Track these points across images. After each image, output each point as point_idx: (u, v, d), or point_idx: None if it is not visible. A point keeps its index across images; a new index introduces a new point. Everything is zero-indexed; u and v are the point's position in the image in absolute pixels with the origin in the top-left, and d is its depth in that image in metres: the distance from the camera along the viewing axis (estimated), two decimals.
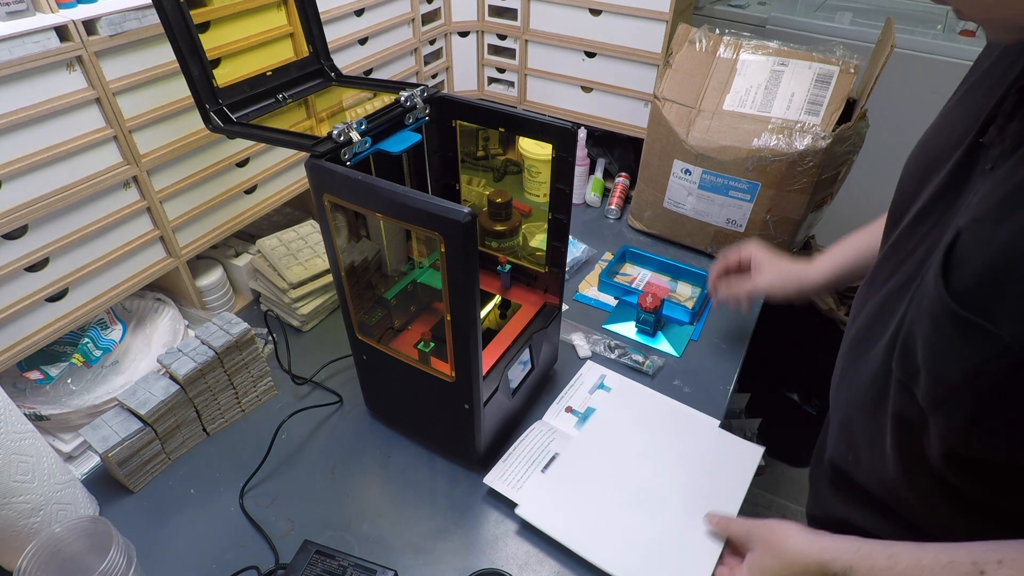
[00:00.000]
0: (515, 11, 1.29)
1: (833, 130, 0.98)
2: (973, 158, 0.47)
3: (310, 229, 1.07)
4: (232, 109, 0.72)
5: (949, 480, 0.47)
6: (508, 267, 0.88)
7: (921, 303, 0.44)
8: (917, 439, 0.48)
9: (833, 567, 0.52)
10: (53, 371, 0.85)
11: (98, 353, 0.89)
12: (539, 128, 0.72)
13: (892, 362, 0.48)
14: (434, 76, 1.37)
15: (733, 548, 0.68)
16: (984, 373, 0.39)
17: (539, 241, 0.89)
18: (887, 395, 0.50)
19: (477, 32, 1.36)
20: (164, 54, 0.79)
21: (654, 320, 1.00)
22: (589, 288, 1.13)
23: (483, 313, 0.87)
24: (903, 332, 0.47)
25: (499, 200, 0.90)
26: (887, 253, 0.56)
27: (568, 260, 1.09)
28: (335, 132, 0.63)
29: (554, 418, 0.87)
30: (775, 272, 0.85)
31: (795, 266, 0.84)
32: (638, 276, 1.15)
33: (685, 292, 1.11)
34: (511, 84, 1.41)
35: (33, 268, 0.76)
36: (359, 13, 1.09)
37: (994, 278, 0.38)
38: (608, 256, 1.21)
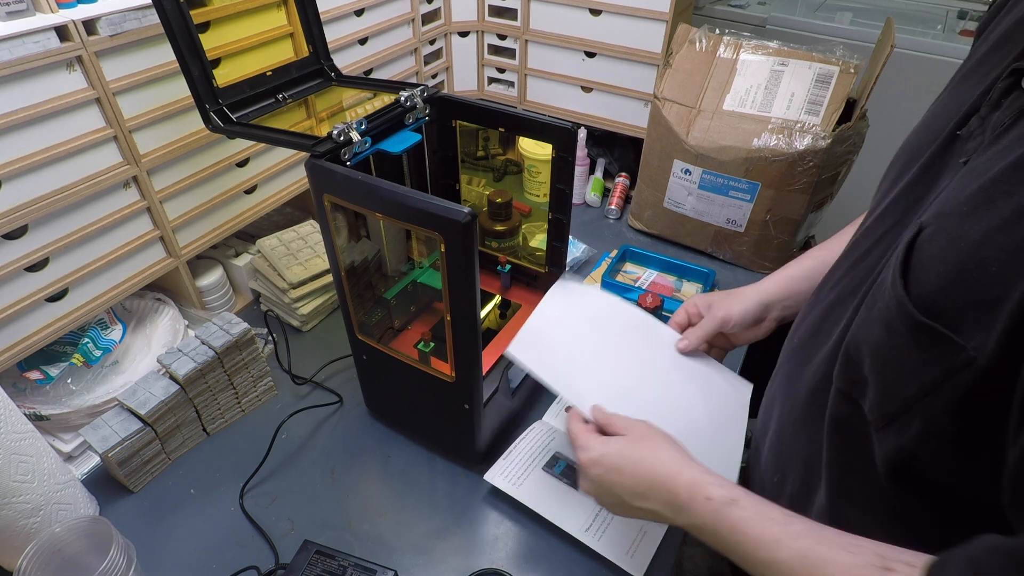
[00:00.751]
0: (515, 11, 1.29)
1: (833, 130, 0.98)
2: (948, 151, 0.42)
3: (310, 229, 1.07)
4: (232, 109, 0.72)
5: (893, 505, 0.42)
6: (508, 267, 0.88)
7: (873, 307, 0.40)
8: (858, 455, 0.43)
9: (709, 491, 0.45)
10: (53, 371, 0.85)
11: (98, 353, 0.89)
12: (539, 128, 0.72)
13: (833, 372, 0.44)
14: (434, 76, 1.37)
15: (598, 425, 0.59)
16: (942, 388, 0.35)
17: (539, 241, 0.89)
18: (825, 408, 0.45)
19: (477, 32, 1.36)
20: (164, 54, 0.79)
21: None
22: (593, 284, 1.13)
23: (483, 313, 0.87)
24: (848, 339, 0.42)
25: (499, 200, 0.90)
26: (840, 257, 0.51)
27: (568, 260, 1.09)
28: (335, 132, 0.63)
29: (554, 418, 0.87)
30: (730, 299, 0.73)
31: (746, 287, 0.74)
32: (643, 275, 1.15)
33: (690, 291, 1.11)
34: (511, 84, 1.41)
35: (33, 268, 0.76)
36: (359, 13, 1.09)
37: (961, 281, 0.34)
38: (613, 254, 1.21)
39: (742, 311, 0.70)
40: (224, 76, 0.72)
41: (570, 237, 0.87)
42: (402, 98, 0.71)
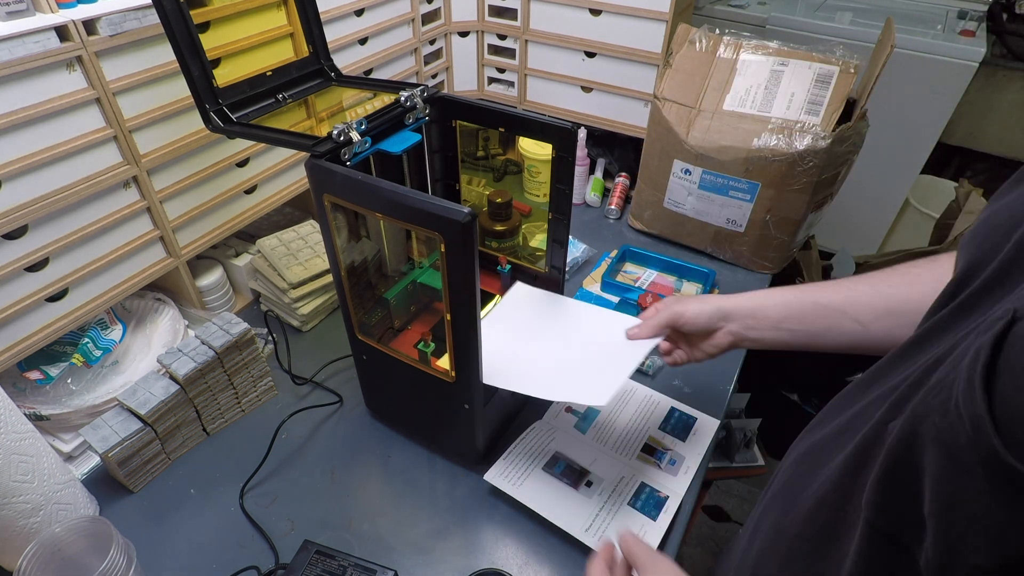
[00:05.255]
0: (515, 11, 1.29)
1: (833, 130, 0.98)
2: None
3: (310, 229, 1.07)
4: (232, 109, 0.72)
5: None
6: (508, 267, 0.88)
7: (943, 424, 0.27)
8: None
9: None
10: (53, 371, 0.85)
11: (98, 353, 0.89)
12: (539, 128, 0.72)
13: (861, 492, 0.32)
14: (434, 76, 1.37)
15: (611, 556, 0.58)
16: None
17: (539, 241, 0.89)
18: (834, 540, 0.35)
19: (477, 32, 1.36)
20: (164, 54, 0.79)
21: None
22: (593, 284, 1.13)
23: (483, 313, 0.87)
24: (891, 459, 0.30)
25: (499, 200, 0.90)
26: (903, 349, 0.38)
27: (568, 260, 1.09)
28: (335, 132, 0.63)
29: (554, 418, 0.87)
30: (693, 299, 0.70)
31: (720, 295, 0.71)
32: (643, 275, 1.15)
33: (690, 291, 1.11)
34: (511, 84, 1.41)
35: (33, 268, 0.76)
36: (359, 13, 1.09)
37: None
38: (613, 254, 1.21)
39: (696, 311, 0.68)
40: (224, 76, 0.72)
41: (570, 237, 0.87)
42: (402, 98, 0.71)
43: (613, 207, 1.31)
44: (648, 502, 0.76)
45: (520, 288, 0.87)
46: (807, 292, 0.65)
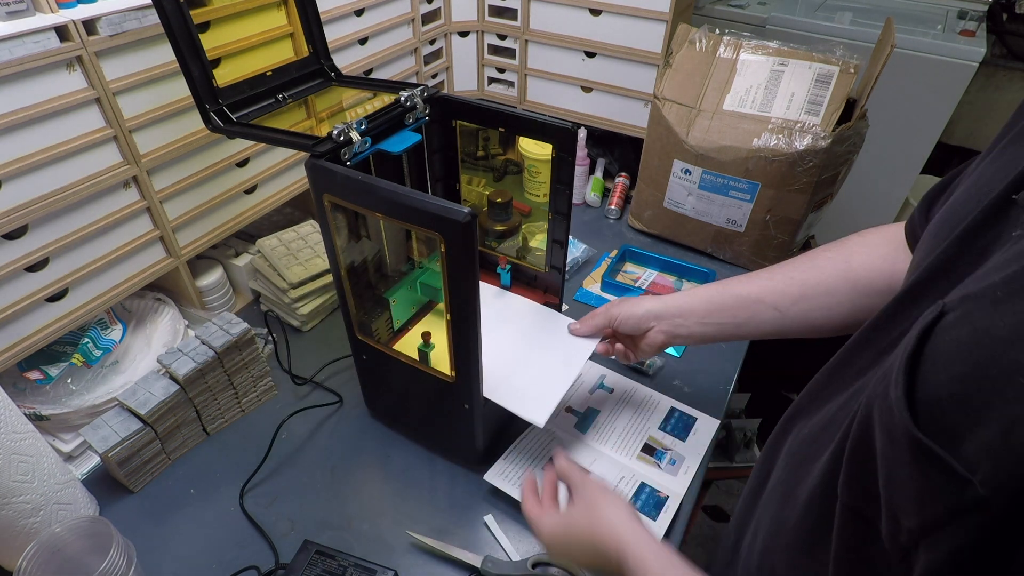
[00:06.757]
0: (515, 11, 1.29)
1: (833, 130, 0.98)
2: (1000, 219, 0.33)
3: (310, 229, 1.07)
4: (232, 109, 0.72)
5: None
6: (508, 267, 0.88)
7: (883, 406, 0.31)
8: None
9: (623, 557, 0.51)
10: (53, 371, 0.85)
11: (98, 353, 0.89)
12: (539, 128, 0.72)
13: (838, 483, 0.35)
14: (434, 76, 1.37)
15: (553, 487, 0.64)
16: (946, 528, 0.27)
17: (539, 241, 0.89)
18: (829, 528, 0.36)
19: (477, 32, 1.36)
20: (164, 54, 0.79)
21: None
22: (593, 284, 1.13)
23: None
24: (853, 439, 0.34)
25: (499, 200, 0.90)
26: (862, 334, 0.41)
27: (568, 260, 1.09)
28: (335, 132, 0.63)
29: (554, 418, 0.87)
30: (631, 301, 0.74)
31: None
32: (643, 275, 1.15)
33: None
34: (511, 84, 1.41)
35: (33, 268, 0.76)
36: (359, 13, 1.09)
37: (978, 389, 0.26)
38: (613, 254, 1.21)
39: (628, 312, 0.73)
40: (224, 76, 0.72)
41: (570, 237, 0.87)
42: (402, 98, 0.71)
43: (613, 207, 1.31)
44: (648, 502, 0.76)
45: None
46: (728, 286, 0.69)
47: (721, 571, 0.55)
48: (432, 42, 1.31)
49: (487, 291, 0.89)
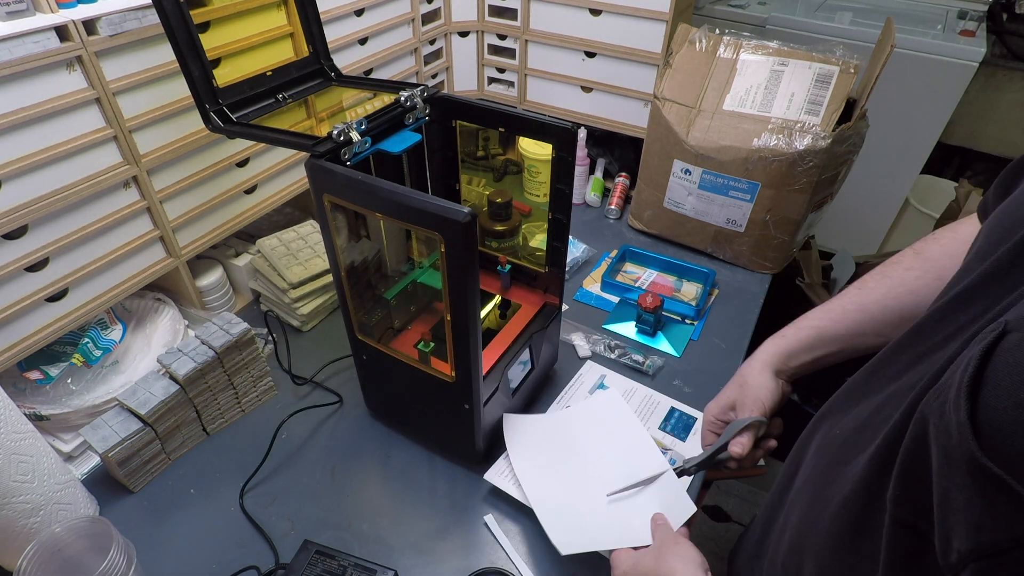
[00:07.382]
0: (515, 11, 1.29)
1: (833, 130, 0.98)
2: None
3: (310, 229, 1.07)
4: (232, 109, 0.72)
5: None
6: (508, 267, 0.88)
7: (939, 426, 0.30)
8: None
9: None
10: (53, 371, 0.85)
11: (98, 353, 0.89)
12: (539, 128, 0.72)
13: (885, 494, 0.34)
14: (434, 76, 1.37)
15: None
16: (1006, 556, 0.26)
17: (539, 241, 0.89)
18: (867, 535, 0.36)
19: (477, 32, 1.36)
20: (164, 54, 0.79)
21: (654, 320, 1.00)
22: (593, 284, 1.13)
23: (483, 313, 0.87)
24: (906, 453, 0.32)
25: (499, 200, 0.90)
26: (904, 339, 0.40)
27: (568, 260, 1.09)
28: (335, 132, 0.63)
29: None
30: (747, 391, 0.67)
31: (747, 364, 0.68)
32: (643, 275, 1.15)
33: (690, 292, 1.11)
34: (511, 84, 1.41)
35: (33, 268, 0.76)
36: (359, 13, 1.09)
37: None
38: (613, 254, 1.21)
39: (769, 392, 0.66)
40: (224, 76, 0.72)
41: (570, 237, 0.87)
42: (402, 98, 0.71)
43: (613, 207, 1.31)
44: None
45: (511, 420, 0.82)
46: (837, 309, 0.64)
47: (745, 563, 0.56)
48: (432, 42, 1.31)
49: (537, 423, 0.84)
